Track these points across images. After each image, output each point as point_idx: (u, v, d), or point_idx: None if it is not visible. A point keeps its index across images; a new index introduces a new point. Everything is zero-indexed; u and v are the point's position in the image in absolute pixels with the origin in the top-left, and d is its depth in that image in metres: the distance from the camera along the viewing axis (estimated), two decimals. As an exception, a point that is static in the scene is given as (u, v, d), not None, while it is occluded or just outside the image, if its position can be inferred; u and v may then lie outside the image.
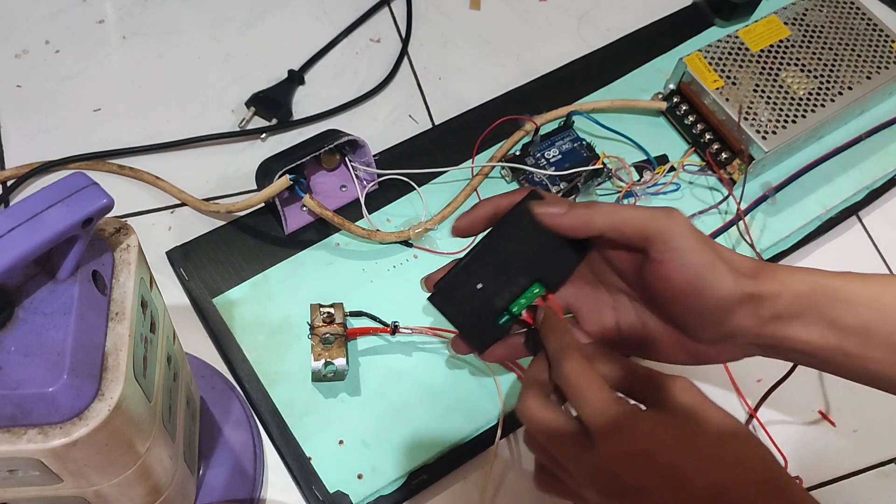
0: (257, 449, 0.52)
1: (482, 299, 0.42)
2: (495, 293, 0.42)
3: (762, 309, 0.40)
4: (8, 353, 0.30)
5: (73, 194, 0.31)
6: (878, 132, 0.70)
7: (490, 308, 0.42)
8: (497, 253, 0.42)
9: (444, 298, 0.42)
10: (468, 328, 0.42)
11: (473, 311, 0.42)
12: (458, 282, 0.42)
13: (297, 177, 0.57)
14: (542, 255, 0.42)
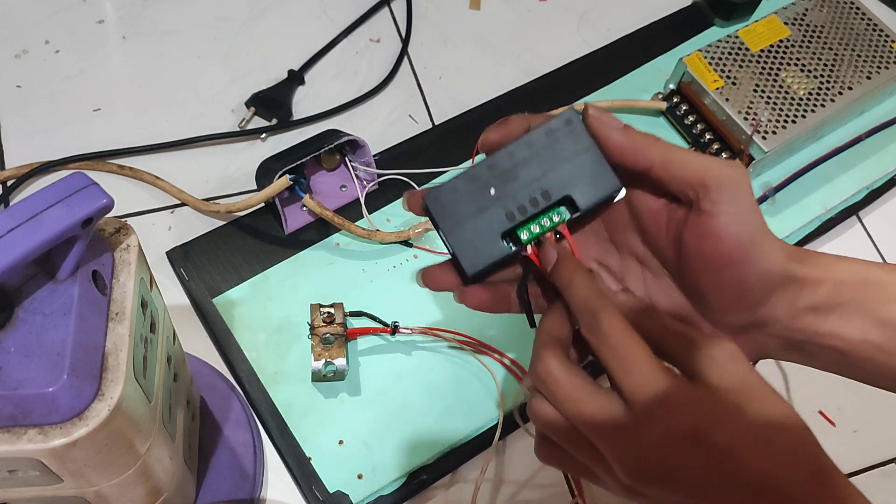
0: (257, 449, 0.52)
1: (490, 207, 0.36)
2: (509, 202, 0.36)
3: (799, 297, 0.36)
4: (8, 353, 0.30)
5: (73, 194, 0.31)
6: (878, 132, 0.70)
7: (497, 218, 0.36)
8: (521, 161, 0.36)
9: (442, 199, 0.36)
10: (461, 242, 0.36)
11: (474, 219, 0.36)
12: (464, 185, 0.36)
13: (297, 177, 0.57)
14: (577, 172, 0.36)
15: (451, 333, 0.56)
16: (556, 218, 0.36)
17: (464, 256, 0.36)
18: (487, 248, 0.36)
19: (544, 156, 0.36)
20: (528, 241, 0.36)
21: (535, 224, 0.36)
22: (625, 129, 0.35)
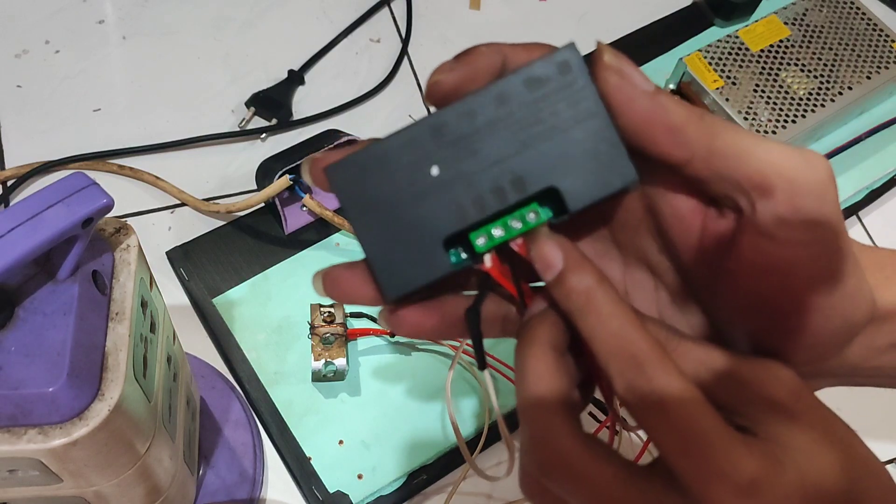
0: (257, 449, 0.52)
1: (431, 195, 0.24)
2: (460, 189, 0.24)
3: (880, 335, 0.26)
4: (8, 353, 0.30)
5: (73, 194, 0.30)
6: (877, 132, 0.70)
7: (440, 214, 0.24)
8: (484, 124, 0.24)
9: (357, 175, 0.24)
10: (380, 248, 0.24)
11: (404, 213, 0.24)
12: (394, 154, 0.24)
13: (297, 177, 0.57)
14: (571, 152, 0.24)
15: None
16: (532, 218, 0.24)
17: (383, 271, 0.24)
18: (421, 261, 0.24)
19: (522, 120, 0.24)
20: (484, 250, 0.24)
21: (499, 226, 0.24)
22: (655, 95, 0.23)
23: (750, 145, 0.23)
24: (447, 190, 0.24)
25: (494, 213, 0.24)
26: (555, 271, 0.24)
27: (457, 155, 0.24)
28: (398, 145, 0.24)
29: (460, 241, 0.25)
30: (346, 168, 0.24)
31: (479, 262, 0.25)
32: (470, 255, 0.25)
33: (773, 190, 0.22)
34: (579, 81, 0.23)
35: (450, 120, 0.24)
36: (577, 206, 0.24)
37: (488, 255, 0.25)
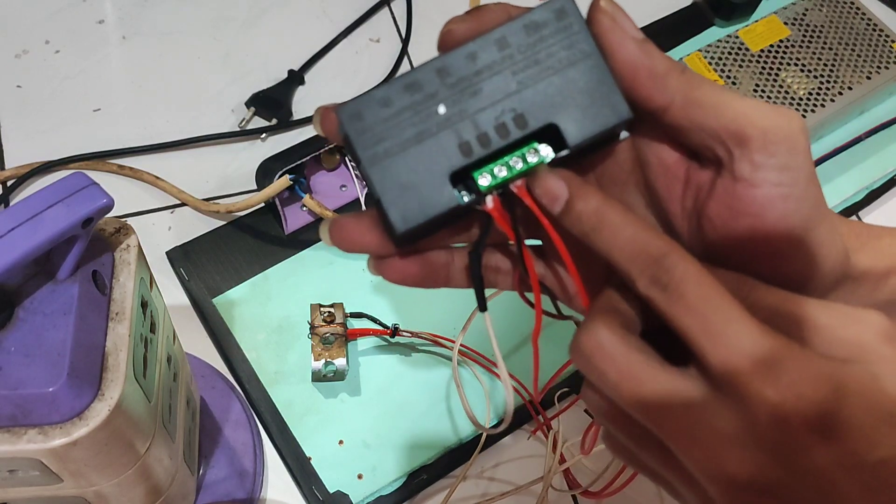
0: (257, 449, 0.52)
1: (437, 132, 0.25)
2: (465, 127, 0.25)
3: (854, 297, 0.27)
4: (8, 353, 0.30)
5: (73, 194, 0.31)
6: (877, 132, 0.70)
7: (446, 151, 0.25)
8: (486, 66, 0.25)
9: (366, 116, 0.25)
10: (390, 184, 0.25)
11: (412, 150, 0.25)
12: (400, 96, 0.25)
13: (297, 177, 0.57)
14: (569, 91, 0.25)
15: (451, 342, 0.56)
16: (533, 158, 0.25)
17: (394, 205, 0.25)
18: (429, 195, 0.25)
19: (522, 62, 0.25)
20: (488, 189, 0.25)
21: (501, 165, 0.25)
22: (644, 42, 0.25)
23: (727, 98, 0.25)
24: (453, 127, 0.25)
25: (498, 148, 0.25)
26: (562, 201, 0.25)
27: (461, 95, 0.25)
28: (404, 86, 0.25)
29: (464, 182, 0.26)
30: (355, 109, 0.25)
31: (481, 203, 0.26)
32: (473, 196, 0.25)
33: (748, 139, 0.24)
34: (574, 26, 0.25)
35: (454, 62, 0.25)
36: (576, 141, 0.25)
37: (490, 197, 0.26)
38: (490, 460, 0.54)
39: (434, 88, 0.25)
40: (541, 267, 0.30)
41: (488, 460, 0.54)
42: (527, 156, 0.25)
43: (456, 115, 0.25)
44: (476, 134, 0.25)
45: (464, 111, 0.25)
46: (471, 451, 0.53)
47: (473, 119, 0.25)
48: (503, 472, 0.54)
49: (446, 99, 0.25)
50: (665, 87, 0.25)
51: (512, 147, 0.25)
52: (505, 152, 0.25)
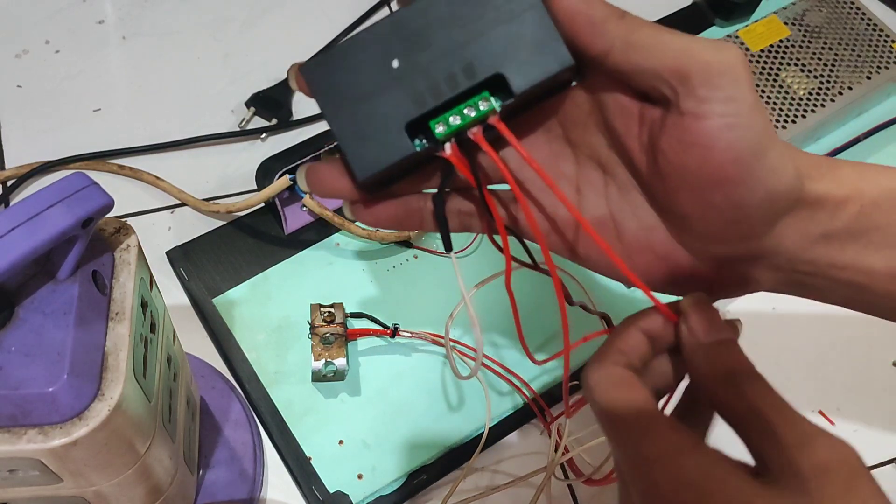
0: (257, 449, 0.52)
1: (393, 85, 0.26)
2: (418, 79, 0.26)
3: (814, 223, 0.28)
4: (8, 353, 0.30)
5: (73, 194, 0.31)
6: (877, 132, 0.70)
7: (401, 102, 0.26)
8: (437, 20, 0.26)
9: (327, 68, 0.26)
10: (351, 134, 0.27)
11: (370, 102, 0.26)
12: (359, 49, 0.26)
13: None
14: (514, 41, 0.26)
15: (453, 342, 0.56)
16: (484, 106, 0.27)
17: (354, 154, 0.27)
18: (387, 144, 0.26)
19: (470, 14, 0.26)
20: (444, 137, 0.27)
21: (455, 114, 0.27)
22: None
23: (665, 38, 0.26)
24: (406, 80, 0.26)
25: (449, 98, 0.27)
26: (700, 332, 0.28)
27: (413, 49, 0.26)
28: (362, 42, 0.27)
29: (424, 131, 0.27)
30: (319, 66, 0.27)
31: (440, 150, 0.27)
32: (432, 143, 0.27)
33: (690, 75, 0.25)
34: None
35: (406, 18, 0.26)
36: (521, 89, 0.27)
37: (448, 144, 0.27)
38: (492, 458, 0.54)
39: (389, 43, 0.26)
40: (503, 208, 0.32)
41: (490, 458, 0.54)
42: (479, 104, 0.27)
43: (409, 68, 0.26)
44: (428, 85, 0.26)
45: (416, 64, 0.26)
46: (471, 451, 0.53)
47: (425, 71, 0.26)
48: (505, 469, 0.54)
49: (399, 53, 0.26)
50: (604, 32, 0.26)
51: (463, 97, 0.27)
52: (457, 102, 0.27)
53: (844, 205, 0.28)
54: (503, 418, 0.55)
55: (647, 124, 0.28)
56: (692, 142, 0.26)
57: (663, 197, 0.29)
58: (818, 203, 0.28)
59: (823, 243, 0.29)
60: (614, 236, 0.30)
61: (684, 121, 0.26)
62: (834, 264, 0.29)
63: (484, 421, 0.54)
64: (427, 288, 0.59)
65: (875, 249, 0.29)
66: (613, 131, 0.29)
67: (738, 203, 0.27)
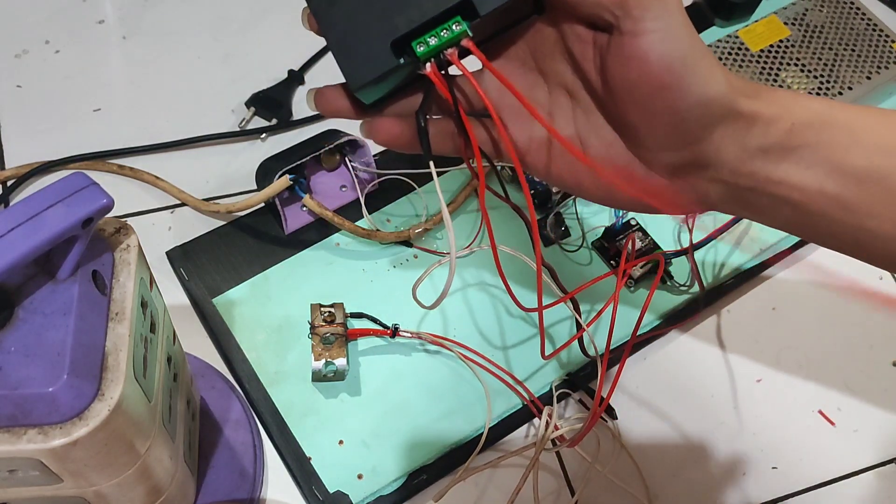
0: (257, 449, 0.52)
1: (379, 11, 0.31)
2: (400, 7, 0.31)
3: (750, 136, 0.32)
4: (8, 353, 0.30)
5: (73, 194, 0.31)
6: (878, 132, 0.70)
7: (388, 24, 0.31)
8: None
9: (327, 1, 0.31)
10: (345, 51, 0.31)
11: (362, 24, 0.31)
12: None
13: (297, 177, 0.58)
14: None
15: (453, 343, 0.56)
16: (457, 28, 0.31)
17: (348, 68, 0.31)
18: (375, 58, 0.31)
19: None
20: (424, 56, 0.31)
21: (432, 35, 0.31)
22: None
23: None
24: (391, 6, 0.31)
25: (426, 21, 0.31)
26: None
27: None
28: None
29: (409, 52, 0.31)
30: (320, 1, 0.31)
31: (421, 68, 0.32)
32: (415, 63, 0.32)
33: (626, 2, 0.30)
34: None
35: None
36: (485, 11, 0.31)
37: (428, 63, 0.32)
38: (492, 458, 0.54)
39: None
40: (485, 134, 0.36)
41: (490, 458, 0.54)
42: (452, 26, 0.31)
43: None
44: (409, 9, 0.31)
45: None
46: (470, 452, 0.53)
47: None
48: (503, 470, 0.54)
49: None
50: None
51: (440, 19, 0.31)
52: (434, 25, 0.31)
53: (777, 121, 0.32)
54: (503, 418, 0.55)
55: (598, 49, 0.32)
56: (631, 55, 0.31)
57: (615, 111, 0.33)
58: (753, 118, 0.32)
59: (761, 157, 0.32)
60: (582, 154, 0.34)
61: (624, 40, 0.30)
62: (770, 178, 0.32)
63: (484, 421, 0.54)
64: (427, 288, 0.59)
65: (806, 166, 0.32)
66: (573, 57, 0.33)
67: (674, 108, 0.31)
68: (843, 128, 0.32)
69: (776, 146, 0.32)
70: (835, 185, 0.32)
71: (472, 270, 0.59)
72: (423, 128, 0.33)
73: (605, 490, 0.53)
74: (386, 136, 0.34)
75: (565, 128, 0.34)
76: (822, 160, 0.32)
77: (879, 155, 0.32)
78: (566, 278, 0.56)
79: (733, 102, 0.31)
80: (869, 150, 0.32)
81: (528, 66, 0.35)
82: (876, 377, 0.60)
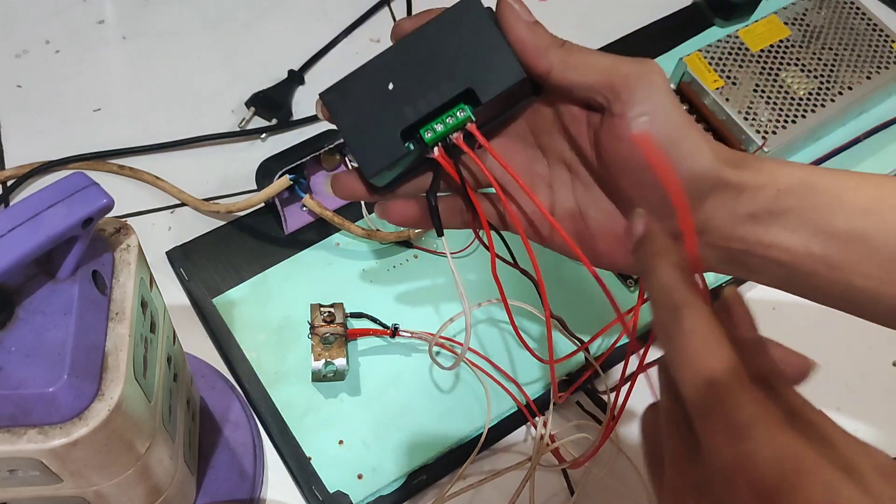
0: (257, 449, 0.52)
1: (389, 103, 0.33)
2: (407, 96, 0.33)
3: (739, 203, 0.34)
4: (8, 353, 0.30)
5: (73, 194, 0.31)
6: (877, 132, 0.70)
7: (396, 116, 0.33)
8: (419, 52, 0.33)
9: (339, 94, 0.34)
10: (360, 142, 0.34)
11: (373, 117, 0.34)
12: (363, 77, 0.34)
13: (297, 177, 0.57)
14: (478, 63, 0.33)
15: (452, 342, 0.56)
16: (461, 115, 0.33)
17: (362, 158, 0.34)
18: (386, 147, 0.33)
19: (444, 45, 0.33)
20: (432, 142, 0.33)
21: (438, 122, 0.33)
22: (534, 25, 0.33)
23: (594, 58, 0.33)
24: (399, 98, 0.33)
25: (432, 110, 0.33)
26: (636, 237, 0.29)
27: (403, 74, 0.33)
28: (365, 72, 0.34)
29: (417, 138, 0.34)
30: (334, 91, 0.34)
31: (428, 153, 0.34)
32: (422, 147, 0.34)
33: (615, 85, 0.32)
34: (478, 15, 0.33)
35: (397, 52, 0.34)
36: (487, 98, 0.33)
37: (436, 147, 0.34)
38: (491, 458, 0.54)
39: (385, 71, 0.34)
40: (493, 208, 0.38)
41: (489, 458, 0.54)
42: (456, 113, 0.34)
43: (401, 89, 0.33)
44: (415, 101, 0.33)
45: (406, 86, 0.33)
46: (470, 452, 0.53)
47: (413, 91, 0.33)
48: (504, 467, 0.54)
49: (393, 79, 0.34)
50: (546, 56, 0.33)
51: (444, 108, 0.33)
52: (440, 113, 0.34)
53: (763, 188, 0.34)
54: (503, 419, 0.55)
55: (592, 127, 0.34)
56: (622, 136, 0.32)
57: (610, 184, 0.35)
58: (740, 187, 0.33)
59: (751, 222, 0.34)
60: (583, 224, 0.37)
61: (615, 121, 0.33)
62: (761, 242, 0.34)
63: (484, 421, 0.54)
64: (427, 288, 0.59)
65: (792, 230, 0.34)
66: (569, 134, 0.36)
67: None
68: (825, 192, 0.34)
69: (764, 212, 0.34)
70: (821, 246, 0.34)
71: (472, 270, 0.59)
72: (434, 207, 0.35)
73: (604, 491, 0.53)
74: (399, 217, 0.37)
75: (566, 199, 0.37)
76: (808, 223, 0.34)
77: (861, 216, 0.34)
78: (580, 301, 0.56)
79: (721, 174, 0.33)
80: (851, 213, 0.34)
81: (528, 142, 0.37)
82: (876, 377, 0.60)
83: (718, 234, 0.34)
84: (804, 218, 0.34)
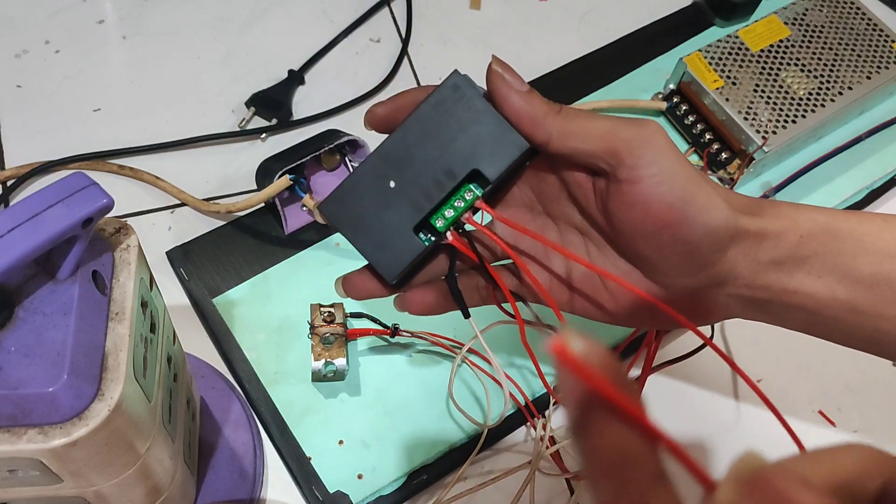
0: (257, 449, 0.52)
1: (394, 201, 0.32)
2: (412, 191, 0.32)
3: (760, 251, 0.33)
4: (8, 353, 0.30)
5: (73, 194, 0.31)
6: (878, 132, 0.70)
7: (404, 212, 0.32)
8: (414, 142, 0.32)
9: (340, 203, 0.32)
10: (373, 248, 0.33)
11: (380, 219, 0.32)
12: (361, 182, 0.33)
13: (297, 177, 0.57)
14: (478, 141, 0.32)
15: (452, 342, 0.56)
16: (469, 196, 0.33)
17: (380, 263, 0.33)
18: (402, 247, 0.33)
19: (438, 130, 0.32)
20: (445, 228, 0.33)
21: (449, 208, 0.33)
22: (528, 94, 0.32)
23: (594, 124, 0.31)
24: (403, 194, 0.33)
25: (440, 200, 0.33)
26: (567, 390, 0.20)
27: (402, 169, 0.32)
28: (361, 175, 0.33)
29: (428, 227, 0.33)
30: (333, 202, 0.33)
31: (443, 239, 0.34)
32: (436, 236, 0.34)
33: (617, 150, 0.31)
34: (468, 93, 0.32)
35: (390, 146, 0.33)
36: (495, 176, 0.33)
37: (449, 233, 0.34)
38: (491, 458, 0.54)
39: (382, 170, 0.32)
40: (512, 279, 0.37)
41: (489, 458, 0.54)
42: (465, 195, 0.33)
43: (403, 184, 0.32)
44: (421, 194, 0.33)
45: (408, 180, 0.32)
46: (470, 452, 0.53)
47: (416, 184, 0.32)
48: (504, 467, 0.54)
49: (393, 175, 0.32)
50: (543, 126, 0.32)
51: (451, 194, 0.33)
52: (448, 199, 0.33)
53: (785, 235, 0.33)
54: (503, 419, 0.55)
55: (598, 193, 0.33)
56: (632, 202, 0.32)
57: (626, 247, 0.34)
58: (762, 234, 0.33)
59: (774, 269, 0.33)
60: (601, 286, 0.36)
61: (622, 187, 0.32)
62: (785, 289, 0.33)
63: (483, 421, 0.54)
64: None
65: (817, 276, 0.33)
66: (577, 201, 0.35)
67: (683, 240, 0.32)
68: (848, 236, 0.33)
69: (787, 258, 0.33)
70: (846, 291, 0.33)
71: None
72: (457, 291, 0.35)
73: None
74: (420, 306, 0.37)
75: None
76: (832, 269, 0.33)
77: (886, 260, 0.33)
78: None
79: (738, 224, 0.32)
80: (876, 256, 0.33)
81: (535, 211, 0.36)
82: (876, 377, 0.60)
83: (742, 282, 0.34)
84: (829, 263, 0.33)
